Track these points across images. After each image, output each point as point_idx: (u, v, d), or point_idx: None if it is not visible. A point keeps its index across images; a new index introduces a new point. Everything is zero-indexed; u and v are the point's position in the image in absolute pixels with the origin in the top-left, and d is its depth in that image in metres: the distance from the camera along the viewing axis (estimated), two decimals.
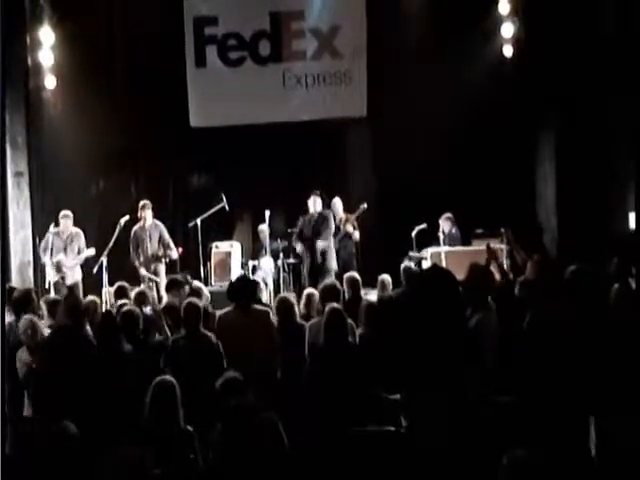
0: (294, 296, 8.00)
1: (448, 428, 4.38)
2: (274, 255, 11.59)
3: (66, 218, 10.73)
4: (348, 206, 11.95)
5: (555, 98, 11.29)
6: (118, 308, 7.15)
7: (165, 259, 10.90)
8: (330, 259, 10.78)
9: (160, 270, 10.83)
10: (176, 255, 10.96)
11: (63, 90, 11.79)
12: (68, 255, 10.65)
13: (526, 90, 11.49)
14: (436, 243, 11.18)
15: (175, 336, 6.60)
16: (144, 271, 10.73)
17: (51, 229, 10.59)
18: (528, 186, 12.15)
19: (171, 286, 8.23)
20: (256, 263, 11.75)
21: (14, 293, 7.51)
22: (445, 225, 11.41)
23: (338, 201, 11.82)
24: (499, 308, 5.90)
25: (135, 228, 10.90)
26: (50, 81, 11.69)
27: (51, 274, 10.46)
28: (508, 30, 11.74)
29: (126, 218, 10.74)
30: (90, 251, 10.71)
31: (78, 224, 10.93)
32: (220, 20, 12.81)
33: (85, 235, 10.89)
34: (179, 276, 8.77)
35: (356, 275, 8.30)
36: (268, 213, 11.40)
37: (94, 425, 5.24)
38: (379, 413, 5.51)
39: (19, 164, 11.07)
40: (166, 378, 5.08)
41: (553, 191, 11.71)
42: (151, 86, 12.21)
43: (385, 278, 8.74)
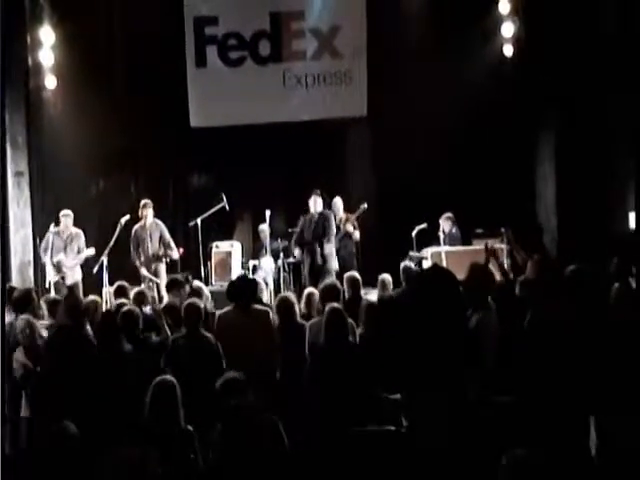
0: (294, 296, 7.99)
1: (448, 428, 4.38)
2: (274, 255, 11.59)
3: (66, 217, 10.73)
4: (348, 206, 11.95)
5: (555, 97, 11.29)
6: (116, 307, 7.14)
7: (166, 259, 10.88)
8: (331, 259, 10.78)
9: (161, 270, 10.82)
10: (177, 255, 10.95)
11: (63, 90, 11.80)
12: (68, 255, 10.65)
13: (526, 89, 11.49)
14: (436, 243, 11.18)
15: (175, 335, 6.60)
16: (144, 271, 10.71)
17: (51, 229, 10.59)
18: (528, 186, 12.14)
19: (172, 286, 8.23)
20: (256, 263, 11.74)
21: (14, 293, 7.50)
22: (445, 225, 11.41)
23: (339, 200, 11.83)
24: (499, 308, 5.91)
25: (136, 227, 10.88)
26: (50, 81, 11.69)
27: (51, 274, 10.47)
28: (508, 30, 11.74)
29: (126, 217, 10.73)
30: (90, 251, 10.71)
31: (78, 224, 10.93)
32: (220, 20, 12.81)
33: (85, 235, 10.89)
34: (180, 276, 8.77)
35: (356, 275, 8.29)
36: (268, 213, 11.39)
37: (94, 425, 5.24)
38: (379, 413, 5.51)
39: (19, 164, 11.07)
40: (166, 378, 5.08)
41: (553, 191, 11.71)
42: (151, 86, 12.21)
43: (385, 278, 8.73)
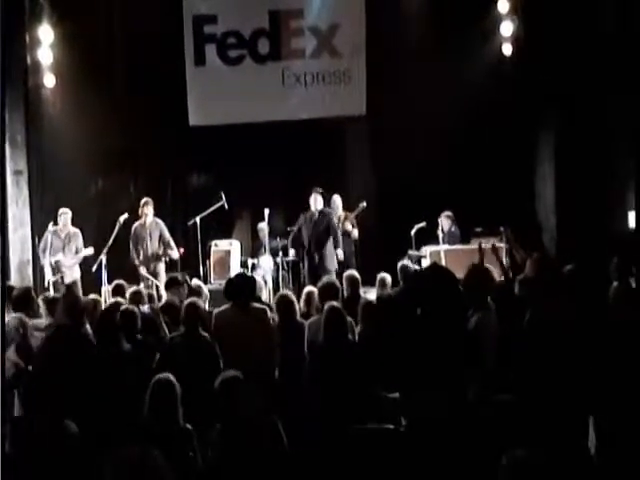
0: (293, 294, 7.97)
1: (447, 427, 4.38)
2: (273, 253, 11.59)
3: (65, 216, 10.73)
4: (347, 204, 11.96)
5: (555, 97, 11.28)
6: (112, 306, 7.10)
7: (165, 258, 10.88)
8: (331, 258, 10.77)
9: (160, 269, 10.81)
10: (177, 255, 10.92)
11: (62, 89, 11.77)
12: (66, 255, 10.64)
13: (525, 89, 11.48)
14: (435, 241, 11.19)
15: (173, 334, 6.58)
16: (143, 270, 10.70)
17: (50, 227, 10.58)
18: (527, 185, 12.14)
19: (171, 284, 8.22)
20: (255, 261, 11.74)
21: (13, 292, 7.49)
22: (445, 223, 11.42)
23: (338, 198, 11.84)
24: (499, 308, 5.90)
25: (135, 225, 10.88)
26: (49, 80, 11.67)
27: (50, 274, 10.45)
28: (507, 29, 11.73)
29: (125, 216, 10.72)
30: (88, 250, 10.70)
31: (77, 223, 10.93)
32: (219, 19, 12.81)
33: (84, 234, 10.89)
34: (179, 275, 8.76)
35: (355, 273, 8.28)
36: (267, 211, 11.39)
37: (93, 424, 5.24)
38: (378, 411, 5.50)
39: (18, 163, 11.05)
40: (166, 376, 5.06)
41: (552, 190, 11.70)
42: (150, 85, 12.19)
43: (384, 276, 8.73)
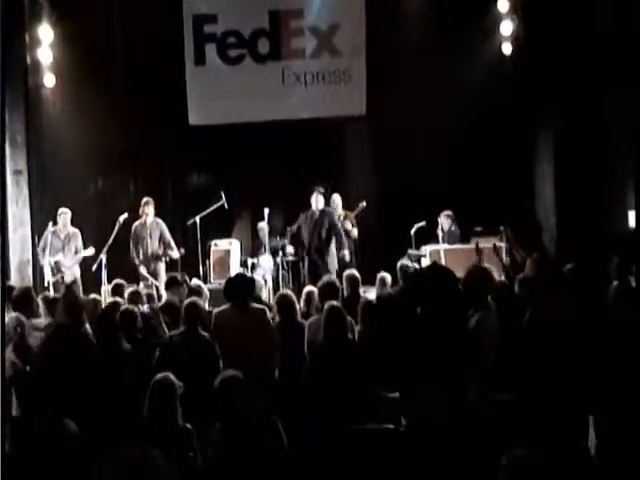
0: (293, 294, 7.97)
1: (447, 427, 4.38)
2: (273, 253, 11.60)
3: (64, 215, 10.72)
4: (347, 204, 11.97)
5: (554, 96, 11.27)
6: (110, 306, 7.09)
7: (165, 258, 10.87)
8: (332, 259, 10.77)
9: (160, 269, 10.79)
10: (177, 255, 10.89)
11: (62, 88, 11.77)
12: (66, 255, 10.63)
13: (525, 88, 11.48)
14: (435, 241, 11.19)
15: (172, 332, 6.58)
16: (143, 269, 10.69)
17: (49, 228, 10.57)
18: (527, 184, 12.13)
19: (170, 284, 8.23)
20: (255, 261, 11.73)
21: (13, 292, 7.49)
22: (445, 222, 11.41)
23: (337, 197, 11.85)
24: (499, 307, 5.90)
25: (136, 224, 10.87)
26: (49, 79, 11.66)
27: (50, 275, 10.43)
28: (507, 28, 11.72)
29: (125, 215, 10.72)
30: (89, 251, 10.69)
31: (77, 222, 10.92)
32: (219, 18, 12.80)
33: (84, 234, 10.88)
34: (178, 275, 8.76)
35: (355, 273, 8.28)
36: (267, 211, 11.39)
37: (93, 424, 5.24)
38: (378, 411, 5.50)
39: (18, 162, 11.04)
40: (166, 376, 5.06)
41: (552, 189, 11.70)
42: (151, 85, 12.19)
43: (384, 276, 8.73)
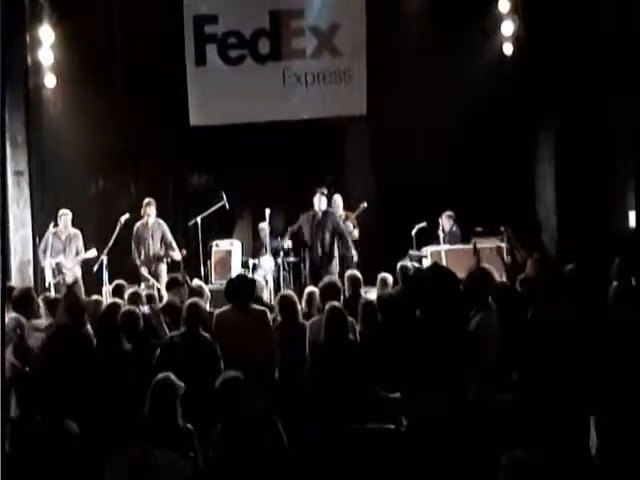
0: (294, 294, 7.97)
1: (448, 427, 4.39)
2: (274, 253, 11.59)
3: (65, 217, 10.72)
4: (348, 205, 11.97)
5: (555, 96, 11.26)
6: (111, 307, 7.08)
7: (167, 259, 10.86)
8: (334, 261, 10.76)
9: (161, 270, 10.77)
10: (179, 256, 10.86)
11: (63, 89, 11.78)
12: (67, 256, 10.63)
13: (526, 88, 11.48)
14: (436, 241, 11.18)
15: (172, 333, 6.57)
16: (144, 270, 10.68)
17: (50, 229, 10.57)
18: (528, 184, 12.13)
19: (171, 285, 8.22)
20: (256, 261, 11.72)
21: (14, 292, 7.48)
22: (446, 223, 11.41)
23: (338, 198, 11.84)
24: (500, 308, 5.90)
25: (137, 225, 10.86)
26: (50, 80, 11.67)
27: (51, 276, 10.43)
28: (508, 28, 11.72)
29: (126, 216, 10.71)
30: (91, 253, 10.67)
31: (78, 223, 10.93)
32: (220, 18, 12.80)
33: (84, 234, 10.89)
34: (179, 275, 8.75)
35: (357, 273, 8.27)
36: (268, 211, 11.37)
37: (94, 424, 5.24)
38: (379, 411, 5.51)
39: (19, 163, 11.05)
40: (167, 376, 5.06)
41: (553, 189, 11.70)
42: (151, 85, 12.19)
43: (386, 276, 8.71)
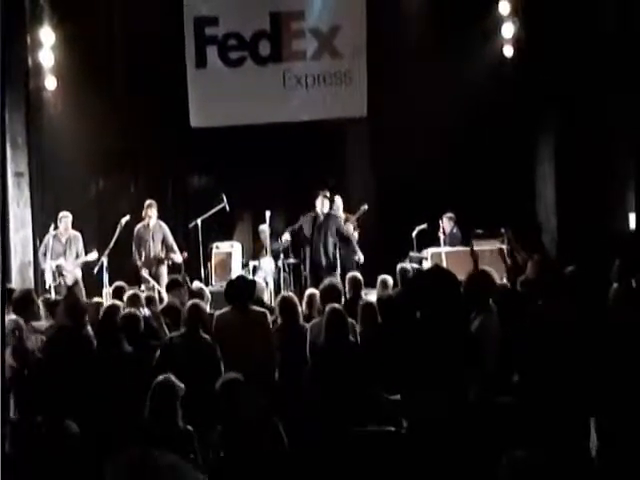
0: (295, 296, 7.96)
1: (448, 428, 4.38)
2: (275, 255, 11.59)
3: (65, 219, 10.71)
4: (348, 206, 11.97)
5: (555, 97, 11.27)
6: (111, 308, 7.07)
7: (168, 261, 10.84)
8: (335, 262, 10.77)
9: (162, 272, 10.76)
10: (180, 258, 10.85)
11: (63, 90, 11.78)
12: (67, 259, 10.62)
13: (526, 90, 11.48)
14: (436, 243, 11.18)
15: (172, 334, 6.57)
16: (145, 272, 10.66)
17: (51, 231, 10.56)
18: (528, 185, 12.13)
19: (172, 286, 8.21)
20: (257, 263, 11.72)
21: (14, 294, 7.48)
22: (447, 225, 11.41)
23: (338, 200, 11.84)
24: (500, 310, 5.90)
25: (138, 227, 10.86)
26: (50, 81, 11.67)
27: (51, 278, 10.41)
28: (508, 30, 11.73)
29: (127, 218, 10.71)
30: (92, 255, 10.67)
31: (78, 224, 10.92)
32: (220, 20, 12.81)
33: (85, 236, 10.89)
34: (179, 276, 8.75)
35: (358, 275, 8.27)
36: (268, 213, 11.38)
37: (94, 425, 5.24)
38: (379, 413, 5.50)
39: (19, 164, 11.06)
40: (167, 378, 5.06)
41: (553, 191, 11.70)
42: (151, 86, 12.20)
43: (386, 278, 8.71)
